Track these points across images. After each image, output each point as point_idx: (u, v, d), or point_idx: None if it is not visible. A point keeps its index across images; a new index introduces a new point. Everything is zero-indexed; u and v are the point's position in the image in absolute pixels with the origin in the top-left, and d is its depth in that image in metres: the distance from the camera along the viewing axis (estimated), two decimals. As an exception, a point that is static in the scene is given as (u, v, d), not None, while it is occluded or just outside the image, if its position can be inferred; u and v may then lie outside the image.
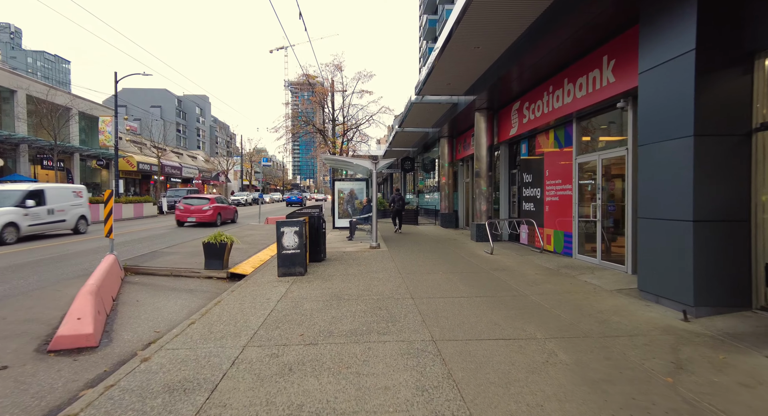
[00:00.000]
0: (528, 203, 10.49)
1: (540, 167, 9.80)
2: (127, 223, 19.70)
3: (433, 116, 14.32)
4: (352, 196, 14.07)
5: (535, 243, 10.02)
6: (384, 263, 8.40)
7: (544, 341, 3.98)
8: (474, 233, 11.81)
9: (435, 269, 7.67)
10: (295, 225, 7.20)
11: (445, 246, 10.91)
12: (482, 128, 11.79)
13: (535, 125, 9.48)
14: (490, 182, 11.80)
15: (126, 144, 34.94)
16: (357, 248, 10.52)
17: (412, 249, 10.35)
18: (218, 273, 7.65)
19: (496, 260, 8.46)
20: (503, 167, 11.97)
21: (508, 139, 11.32)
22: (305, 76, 20.47)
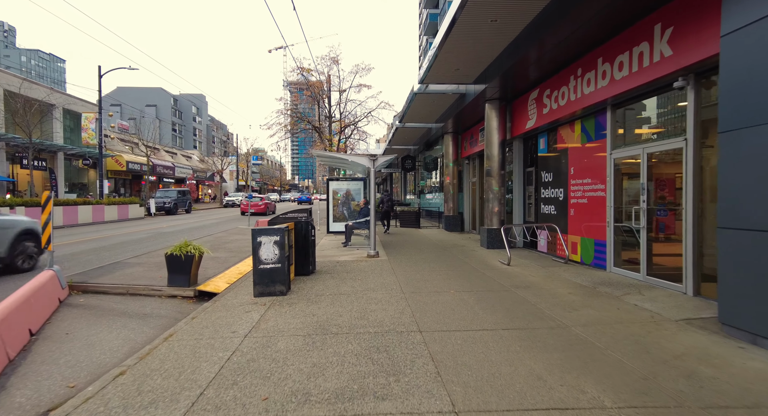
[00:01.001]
0: (547, 205, 9.20)
1: (563, 165, 8.52)
2: (107, 226, 18.39)
3: (438, 109, 13.03)
4: (348, 197, 12.79)
5: (557, 252, 8.73)
6: (384, 277, 7.11)
7: (619, 414, 2.70)
8: (485, 239, 10.52)
9: (445, 285, 6.38)
10: (275, 234, 5.92)
11: (453, 254, 9.62)
12: (494, 122, 10.51)
13: (557, 116, 8.20)
14: (502, 181, 10.52)
15: (115, 143, 33.64)
16: (353, 257, 9.24)
17: (416, 259, 9.06)
18: (184, 291, 6.36)
19: (516, 274, 7.18)
20: (517, 164, 10.68)
21: (523, 133, 10.04)
22: (299, 69, 19.23)
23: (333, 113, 20.95)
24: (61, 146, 24.57)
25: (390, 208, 14.88)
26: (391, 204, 14.95)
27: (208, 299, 6.21)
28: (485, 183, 10.79)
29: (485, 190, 10.79)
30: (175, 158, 47.38)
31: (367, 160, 9.41)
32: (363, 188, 12.83)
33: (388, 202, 14.84)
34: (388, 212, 14.73)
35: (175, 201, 27.16)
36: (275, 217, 7.41)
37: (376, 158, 9.41)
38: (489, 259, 8.88)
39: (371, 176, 9.39)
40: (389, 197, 15.26)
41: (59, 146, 24.38)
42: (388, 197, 15.18)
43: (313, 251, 7.68)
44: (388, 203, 14.85)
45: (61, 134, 25.74)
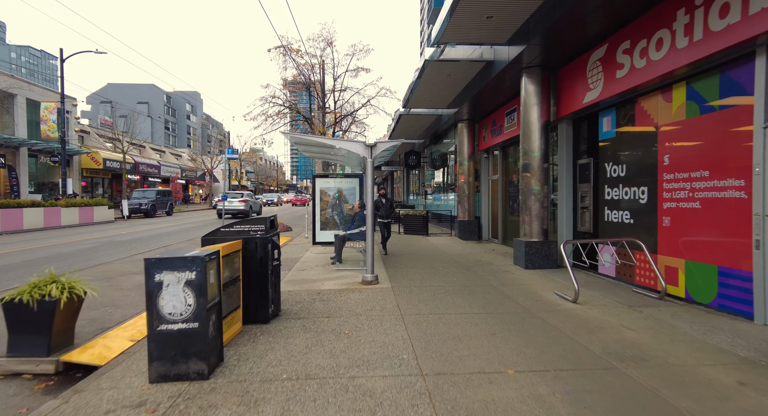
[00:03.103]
0: (616, 210, 6.50)
1: (647, 152, 5.83)
2: (59, 233, 15.68)
3: (454, 85, 10.32)
4: (340, 199, 10.09)
5: (635, 279, 6.03)
6: (386, 328, 4.42)
7: None
8: (521, 256, 7.82)
9: (491, 352, 3.68)
10: (187, 268, 3.24)
11: (482, 278, 6.91)
12: (533, 98, 7.81)
13: (640, 80, 5.51)
14: (545, 178, 7.82)
15: (93, 139, 30.96)
16: (342, 284, 6.53)
17: (432, 287, 6.35)
18: (37, 364, 3.65)
19: (600, 324, 4.46)
20: (564, 155, 7.98)
21: (575, 112, 7.34)
22: (284, 47, 16.56)
23: (327, 101, 18.25)
24: (23, 140, 21.88)
25: (389, 214, 10.06)
26: (390, 210, 10.25)
27: (87, 374, 3.54)
28: (521, 181, 8.09)
29: (522, 190, 8.08)
30: (164, 156, 44.72)
31: (362, 148, 6.72)
32: (359, 187, 10.13)
33: (388, 207, 10.08)
34: (387, 225, 10.06)
35: (153, 202, 24.48)
36: (214, 231, 4.73)
37: (375, 146, 6.72)
38: (537, 288, 6.17)
39: (368, 171, 6.70)
40: (388, 199, 10.29)
41: (20, 140, 21.69)
42: (387, 200, 10.22)
43: (276, 283, 4.99)
44: (388, 208, 10.07)
45: (24, 127, 23.05)
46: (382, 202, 9.92)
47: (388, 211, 10.10)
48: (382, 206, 9.86)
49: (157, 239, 13.45)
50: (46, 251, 10.64)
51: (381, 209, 9.78)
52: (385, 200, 10.04)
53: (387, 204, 10.06)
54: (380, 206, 9.77)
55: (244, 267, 4.62)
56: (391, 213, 10.21)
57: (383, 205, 9.89)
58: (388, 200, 10.22)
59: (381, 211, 9.78)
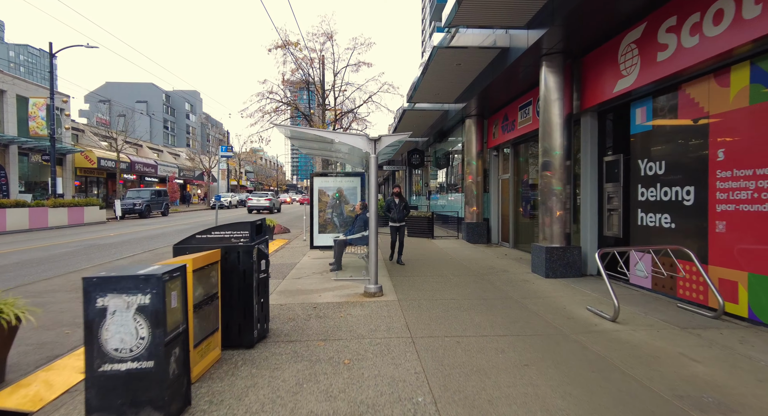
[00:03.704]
0: (654, 213, 5.72)
1: (694, 145, 5.06)
2: (43, 234, 14.92)
3: (463, 77, 9.55)
4: (340, 200, 9.32)
5: (677, 292, 5.26)
6: (395, 355, 3.65)
7: None
8: (541, 263, 7.04)
9: (530, 393, 2.91)
10: (140, 289, 2.47)
11: (500, 289, 6.14)
12: (554, 89, 7.04)
13: (688, 63, 4.75)
14: (568, 177, 7.04)
15: (87, 137, 30.22)
16: (341, 296, 5.76)
17: (444, 300, 5.57)
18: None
19: (655, 354, 3.68)
20: (587, 152, 7.20)
21: (602, 103, 6.57)
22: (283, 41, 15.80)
23: (327, 97, 17.46)
24: (12, 138, 21.14)
25: (403, 217, 8.50)
26: (406, 211, 8.59)
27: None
28: (541, 181, 7.31)
29: (541, 190, 7.30)
30: (161, 155, 44.02)
31: (365, 142, 5.95)
32: (360, 186, 9.36)
33: (402, 208, 8.48)
34: (400, 229, 8.44)
35: (147, 203, 23.71)
36: (188, 238, 3.96)
37: (379, 141, 5.95)
38: (564, 302, 5.40)
39: (372, 169, 5.93)
40: (402, 199, 8.60)
41: (9, 138, 20.95)
42: (401, 200, 8.55)
43: (264, 299, 4.22)
44: (402, 210, 8.47)
45: (14, 124, 22.30)
46: (395, 202, 8.44)
47: (402, 213, 8.44)
48: (395, 207, 8.41)
49: (145, 241, 12.68)
50: (20, 255, 9.87)
51: (393, 211, 8.41)
52: (398, 200, 8.47)
53: (401, 205, 8.45)
54: (392, 206, 8.42)
55: (224, 282, 3.85)
56: (405, 216, 8.52)
57: (396, 206, 8.41)
58: (403, 199, 8.54)
59: (393, 213, 8.40)
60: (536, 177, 9.65)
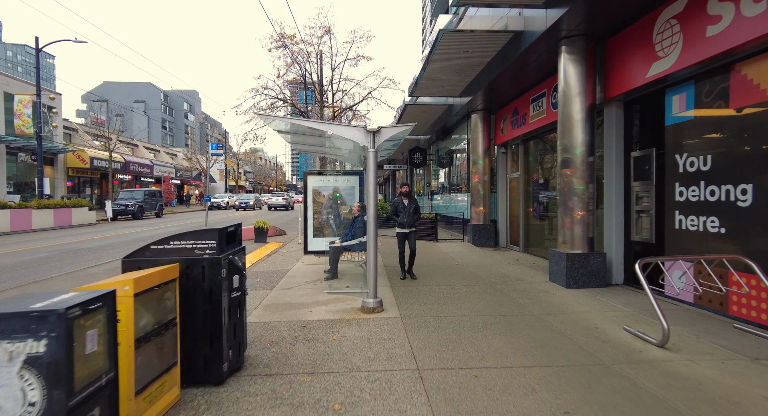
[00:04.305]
0: (698, 216, 4.95)
1: (753, 136, 4.29)
2: (23, 238, 14.17)
3: (470, 66, 8.78)
4: (336, 200, 8.55)
5: (729, 308, 4.48)
6: (398, 397, 2.89)
7: None
8: (560, 272, 6.26)
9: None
10: (30, 333, 1.70)
11: (520, 307, 5.36)
12: (575, 76, 6.27)
13: (749, 36, 3.98)
14: (591, 175, 6.27)
15: (80, 137, 29.48)
16: (336, 311, 4.98)
17: (456, 320, 4.80)
18: None
19: (732, 397, 2.90)
20: (612, 146, 6.43)
21: (631, 91, 5.80)
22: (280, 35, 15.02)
23: (325, 93, 16.70)
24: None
25: (413, 221, 6.96)
26: (417, 215, 7.03)
27: None
28: (560, 179, 6.54)
29: (561, 190, 6.53)
30: (158, 155, 43.31)
31: (362, 135, 5.18)
32: (359, 185, 8.59)
33: (413, 211, 6.92)
34: (409, 235, 6.94)
35: (140, 204, 22.96)
36: (141, 249, 3.20)
37: (378, 133, 5.19)
38: (594, 319, 4.62)
39: (370, 165, 5.16)
40: (411, 199, 7.01)
41: (-5, 136, 20.20)
42: (411, 202, 6.98)
43: (238, 323, 3.46)
44: (413, 213, 6.92)
45: (2, 122, 21.53)
46: (403, 204, 6.89)
47: (412, 217, 6.89)
48: (404, 209, 6.87)
49: (130, 245, 11.93)
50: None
51: (402, 214, 6.88)
52: (408, 201, 6.90)
53: (410, 207, 6.88)
54: (400, 209, 6.89)
55: (185, 304, 3.09)
56: (415, 220, 6.98)
57: (405, 208, 6.87)
58: (413, 200, 6.97)
59: (401, 216, 6.88)
60: (550, 175, 8.89)
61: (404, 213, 6.92)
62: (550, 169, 8.97)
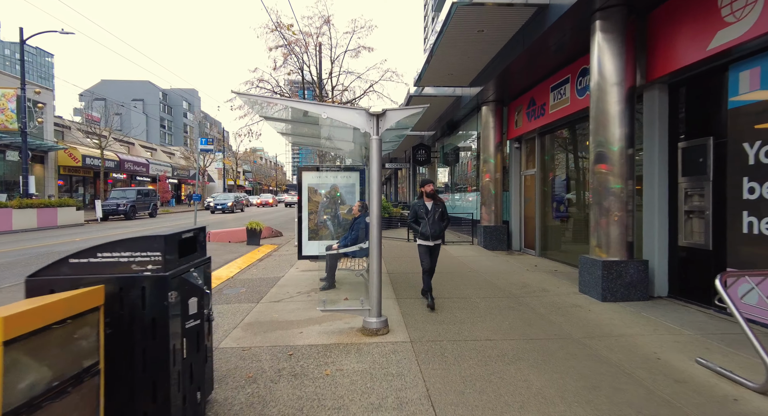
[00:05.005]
0: (771, 217, 4.05)
1: None
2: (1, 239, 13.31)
3: (485, 49, 7.89)
4: (333, 199, 7.67)
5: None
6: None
7: None
8: (597, 283, 5.36)
9: None
10: None
11: (554, 328, 4.46)
12: (611, 56, 5.37)
13: None
14: (630, 171, 5.37)
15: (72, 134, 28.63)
16: (331, 333, 4.08)
17: (479, 347, 3.89)
18: None
19: None
20: (654, 136, 5.53)
21: (683, 69, 4.90)
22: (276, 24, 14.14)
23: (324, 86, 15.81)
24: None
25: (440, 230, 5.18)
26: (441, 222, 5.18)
27: None
28: (593, 177, 5.63)
29: (594, 189, 5.62)
30: (155, 154, 42.48)
31: (364, 119, 4.29)
32: (359, 183, 7.69)
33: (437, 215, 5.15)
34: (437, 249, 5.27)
35: (132, 203, 22.08)
36: (57, 262, 2.32)
37: (383, 116, 4.30)
38: (651, 345, 3.72)
39: (373, 155, 4.27)
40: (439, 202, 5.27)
41: (-21, 133, 19.34)
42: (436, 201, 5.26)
43: (200, 364, 2.56)
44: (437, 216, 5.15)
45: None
46: (425, 207, 5.15)
47: (438, 225, 5.10)
48: (428, 214, 5.11)
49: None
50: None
51: (425, 221, 5.10)
52: (432, 204, 5.17)
53: (436, 210, 5.12)
54: (423, 214, 5.14)
55: (114, 342, 2.20)
56: (442, 229, 5.19)
57: (429, 213, 5.11)
58: (440, 203, 5.21)
59: (424, 224, 5.10)
60: (574, 171, 8.01)
61: (428, 220, 5.10)
62: (574, 164, 8.08)
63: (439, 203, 5.24)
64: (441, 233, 5.22)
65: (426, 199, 5.25)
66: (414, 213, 5.30)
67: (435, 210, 5.18)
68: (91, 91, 61.88)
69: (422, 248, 5.27)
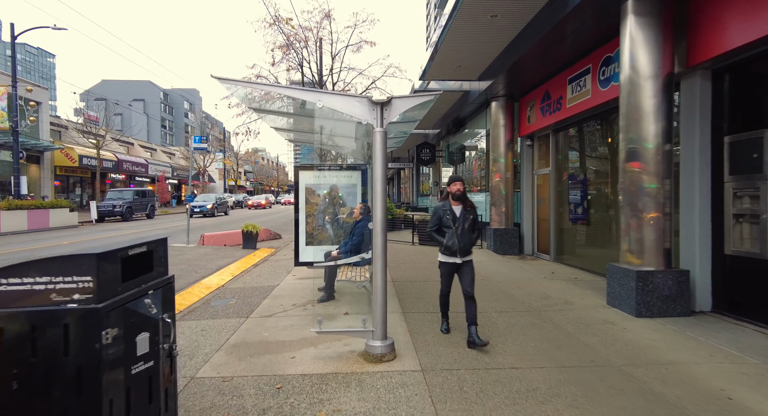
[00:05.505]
0: None
1: None
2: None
3: (497, 37, 7.28)
4: (333, 201, 7.06)
5: None
6: None
7: None
8: (630, 296, 4.73)
9: None
10: None
11: (586, 349, 3.83)
12: (646, 44, 4.76)
13: None
14: (667, 169, 4.74)
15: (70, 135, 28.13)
16: (327, 358, 3.46)
17: (502, 374, 3.27)
18: None
19: None
20: (694, 130, 4.90)
21: (729, 52, 4.28)
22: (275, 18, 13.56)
23: (324, 84, 15.22)
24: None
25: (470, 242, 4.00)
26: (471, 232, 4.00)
27: None
28: (624, 176, 5.01)
29: (625, 189, 5.00)
30: (155, 154, 41.99)
31: (366, 108, 3.68)
32: (361, 183, 7.08)
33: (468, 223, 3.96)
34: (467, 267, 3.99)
35: (129, 204, 21.53)
36: None
37: (388, 105, 3.69)
38: (716, 379, 3.09)
39: (377, 150, 3.66)
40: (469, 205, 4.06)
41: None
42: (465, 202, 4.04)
43: (143, 422, 1.94)
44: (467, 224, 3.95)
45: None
46: (453, 212, 3.98)
47: (468, 236, 3.98)
48: (454, 222, 3.95)
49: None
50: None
51: (451, 231, 3.94)
52: (460, 208, 4.02)
53: (465, 219, 3.97)
54: (448, 222, 3.97)
55: (21, 404, 1.60)
56: (473, 242, 4.07)
57: (457, 220, 3.96)
58: (470, 208, 4.06)
59: (449, 235, 3.95)
60: (593, 170, 7.38)
61: (455, 230, 3.91)
62: (596, 162, 7.46)
63: (469, 208, 4.04)
64: (471, 247, 4.03)
65: (453, 202, 4.03)
66: (437, 220, 4.05)
67: (465, 217, 3.97)
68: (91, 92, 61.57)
69: (446, 268, 4.05)
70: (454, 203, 4.04)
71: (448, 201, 4.08)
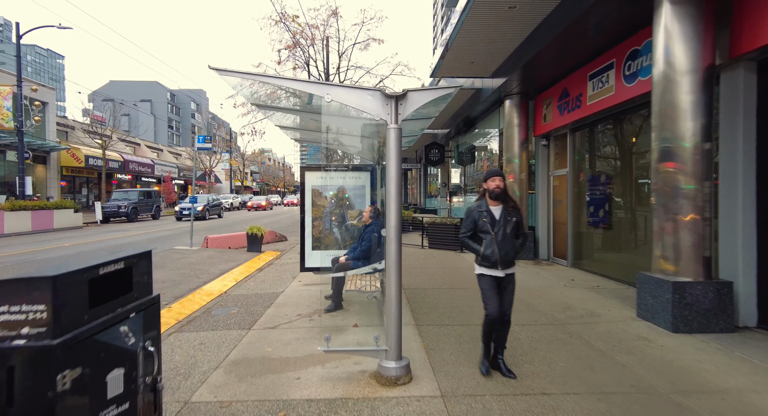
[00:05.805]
0: None
1: None
2: None
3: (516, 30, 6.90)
4: (341, 203, 6.71)
5: None
6: None
7: None
8: (666, 309, 4.32)
9: None
10: None
11: (624, 371, 3.43)
12: (683, 34, 4.35)
13: None
14: (707, 170, 4.34)
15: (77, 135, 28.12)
16: (335, 380, 3.10)
17: (535, 404, 2.89)
18: None
19: None
20: (737, 126, 4.50)
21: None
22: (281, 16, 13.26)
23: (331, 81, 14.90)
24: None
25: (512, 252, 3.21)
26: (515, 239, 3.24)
27: None
28: (656, 177, 4.60)
29: (658, 191, 4.59)
30: (161, 155, 42.02)
31: (379, 102, 3.33)
32: (371, 184, 6.72)
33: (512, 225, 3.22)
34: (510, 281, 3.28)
35: (134, 205, 21.38)
36: None
37: (403, 99, 3.33)
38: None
39: (392, 149, 3.31)
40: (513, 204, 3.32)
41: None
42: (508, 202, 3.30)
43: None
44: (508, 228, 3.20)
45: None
46: (491, 214, 3.26)
47: (511, 243, 3.22)
48: (494, 226, 3.21)
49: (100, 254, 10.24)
50: None
51: (487, 238, 3.21)
52: (503, 210, 3.26)
53: (507, 222, 3.22)
54: (485, 226, 3.23)
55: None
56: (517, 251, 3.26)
57: (496, 224, 3.22)
58: (513, 210, 3.29)
59: (488, 241, 3.21)
60: (617, 171, 6.97)
61: (494, 235, 3.21)
62: (620, 162, 7.05)
63: (511, 208, 3.28)
64: (515, 256, 3.26)
65: (491, 201, 3.29)
66: (471, 223, 3.32)
67: (506, 220, 3.22)
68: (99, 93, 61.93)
69: (488, 282, 3.25)
70: (493, 202, 3.28)
71: (485, 200, 3.31)
